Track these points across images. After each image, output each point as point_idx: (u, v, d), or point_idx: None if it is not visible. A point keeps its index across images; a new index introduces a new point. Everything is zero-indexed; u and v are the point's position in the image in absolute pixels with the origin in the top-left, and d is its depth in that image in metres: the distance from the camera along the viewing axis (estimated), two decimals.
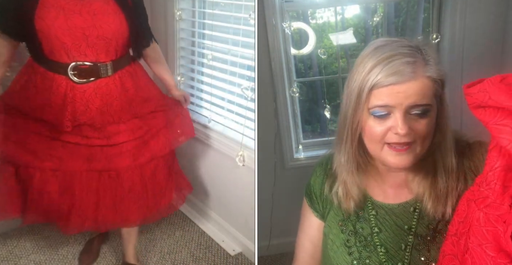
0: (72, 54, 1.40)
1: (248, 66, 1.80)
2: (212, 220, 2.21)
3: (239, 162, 1.84)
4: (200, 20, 2.04)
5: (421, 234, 0.82)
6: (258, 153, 1.73)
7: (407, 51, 0.75)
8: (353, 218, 0.90)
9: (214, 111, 2.05)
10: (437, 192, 0.80)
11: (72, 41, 1.38)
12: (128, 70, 1.58)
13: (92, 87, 1.46)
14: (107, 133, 1.56)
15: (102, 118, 1.52)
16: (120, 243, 2.00)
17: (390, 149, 0.77)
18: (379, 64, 0.74)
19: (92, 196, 1.56)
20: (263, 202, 2.02)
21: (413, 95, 0.73)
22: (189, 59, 2.17)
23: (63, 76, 1.43)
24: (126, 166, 1.58)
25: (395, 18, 2.75)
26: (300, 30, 1.99)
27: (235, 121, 1.95)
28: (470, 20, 1.80)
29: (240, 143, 1.84)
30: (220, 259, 1.99)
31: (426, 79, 0.74)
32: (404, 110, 0.74)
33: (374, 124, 0.77)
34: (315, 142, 2.18)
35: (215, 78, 1.99)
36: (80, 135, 1.53)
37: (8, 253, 1.93)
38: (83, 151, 1.54)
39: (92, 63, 1.44)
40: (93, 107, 1.49)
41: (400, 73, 0.73)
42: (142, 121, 1.65)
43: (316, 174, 1.00)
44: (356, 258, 0.86)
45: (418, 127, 0.75)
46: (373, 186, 0.90)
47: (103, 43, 1.43)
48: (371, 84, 0.75)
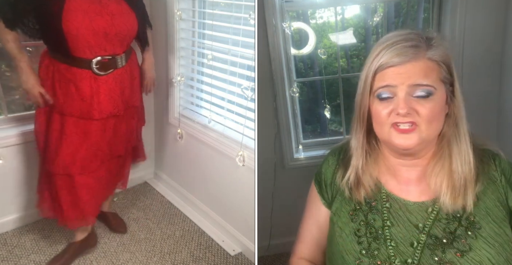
0: (95, 50, 1.57)
1: (248, 66, 1.80)
2: (212, 220, 2.21)
3: (239, 162, 1.84)
4: (200, 20, 2.04)
5: (436, 235, 0.82)
6: (258, 153, 1.73)
7: (411, 36, 0.80)
8: (365, 208, 0.90)
9: (214, 111, 2.05)
10: (454, 182, 0.82)
11: (95, 39, 1.54)
12: (132, 58, 1.79)
13: (111, 78, 1.66)
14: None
15: (124, 106, 1.74)
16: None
17: (396, 130, 0.81)
18: (384, 49, 0.80)
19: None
20: (263, 202, 2.02)
21: (414, 75, 0.78)
22: (189, 59, 2.17)
23: (86, 70, 1.59)
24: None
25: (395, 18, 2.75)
26: (300, 30, 1.99)
27: (235, 121, 1.95)
28: (470, 20, 1.79)
29: (240, 143, 1.84)
30: (220, 259, 1.99)
31: (428, 60, 0.79)
32: (406, 90, 0.78)
33: (380, 106, 0.82)
34: (315, 142, 2.18)
35: (215, 78, 1.99)
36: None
37: (8, 253, 1.93)
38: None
39: (111, 56, 1.62)
40: (115, 96, 1.68)
41: (402, 55, 0.78)
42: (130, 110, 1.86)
43: (328, 163, 1.01)
44: (365, 248, 0.86)
45: (421, 109, 0.78)
46: (388, 179, 0.91)
47: (119, 39, 1.61)
48: (375, 67, 0.81)
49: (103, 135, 1.73)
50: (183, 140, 2.26)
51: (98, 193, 1.84)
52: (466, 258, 0.78)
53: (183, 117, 2.21)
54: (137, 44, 1.88)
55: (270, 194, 2.09)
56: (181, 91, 2.21)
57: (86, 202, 1.75)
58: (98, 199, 1.87)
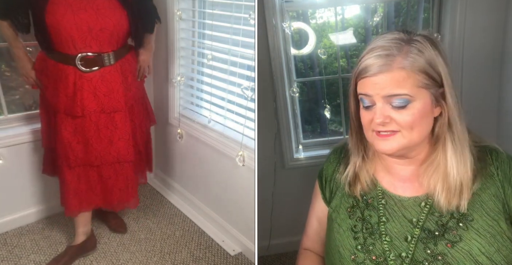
0: (79, 45, 1.55)
1: (248, 66, 1.80)
2: (212, 220, 2.21)
3: (239, 162, 1.84)
4: (200, 20, 2.04)
5: (429, 229, 0.84)
6: (258, 153, 1.73)
7: (389, 44, 0.79)
8: (362, 205, 0.92)
9: (214, 111, 2.05)
10: (449, 184, 0.82)
11: (79, 34, 1.53)
12: (127, 58, 1.75)
13: (97, 75, 1.63)
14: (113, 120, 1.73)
15: (110, 104, 1.69)
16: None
17: (377, 135, 0.83)
18: (365, 54, 0.81)
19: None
20: (263, 202, 2.02)
21: (387, 86, 0.78)
22: (189, 59, 2.17)
23: (71, 66, 1.59)
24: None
25: (395, 18, 2.75)
26: (300, 30, 1.99)
27: (235, 121, 1.95)
28: (470, 20, 1.80)
29: (240, 143, 1.84)
30: (220, 259, 1.99)
31: (401, 70, 0.77)
32: (382, 100, 0.80)
33: (363, 113, 0.85)
34: (315, 142, 2.18)
35: (215, 78, 1.99)
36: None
37: (8, 253, 1.93)
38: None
39: (97, 53, 1.60)
40: (100, 94, 1.65)
41: (372, 66, 0.79)
42: (138, 109, 1.88)
43: (329, 160, 1.04)
44: (360, 243, 0.88)
45: (399, 118, 0.79)
46: (384, 176, 0.93)
47: (106, 35, 1.58)
48: (356, 74, 0.83)
49: (96, 134, 1.69)
50: (183, 140, 2.26)
51: (81, 194, 1.78)
52: (456, 249, 0.80)
53: (183, 117, 2.21)
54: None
55: (270, 194, 2.09)
56: (181, 91, 2.21)
57: (67, 197, 1.77)
58: (83, 201, 1.80)
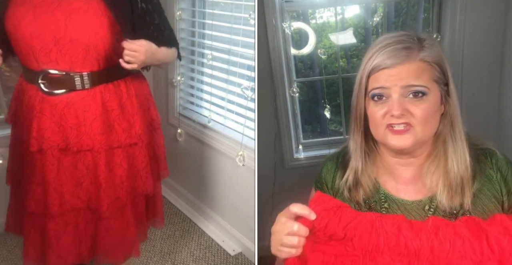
0: (41, 60, 1.20)
1: (248, 66, 1.80)
2: (212, 220, 2.21)
3: (239, 162, 1.84)
4: (200, 20, 2.05)
5: None
6: (258, 153, 1.73)
7: (403, 38, 0.82)
8: (365, 209, 0.91)
9: (214, 111, 2.05)
10: (450, 180, 0.83)
11: (41, 45, 1.18)
12: (118, 85, 1.33)
13: (64, 101, 1.25)
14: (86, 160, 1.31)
15: (79, 141, 1.28)
16: None
17: (391, 131, 0.82)
18: (376, 51, 0.82)
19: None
20: (263, 202, 2.02)
21: (407, 76, 0.79)
22: (189, 59, 2.17)
23: (35, 85, 1.25)
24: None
25: (395, 18, 2.75)
26: (300, 30, 1.99)
27: (235, 121, 1.95)
28: (470, 20, 1.79)
29: (240, 143, 1.84)
30: (220, 259, 1.99)
31: (420, 61, 0.80)
32: (399, 91, 0.80)
33: (375, 108, 0.84)
34: (315, 142, 2.18)
35: (215, 78, 1.99)
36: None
37: (8, 253, 1.92)
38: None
39: (65, 72, 1.22)
40: (67, 126, 1.27)
41: (394, 57, 0.80)
42: (123, 154, 1.37)
43: (327, 167, 1.03)
44: None
45: (415, 110, 0.80)
46: (387, 180, 0.92)
47: (79, 49, 1.20)
48: (369, 69, 0.83)
49: (61, 175, 1.29)
50: (183, 140, 2.26)
51: (57, 246, 1.36)
52: None
53: (183, 117, 2.21)
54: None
55: (270, 194, 2.09)
56: (181, 91, 2.21)
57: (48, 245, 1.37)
58: (61, 250, 1.38)
